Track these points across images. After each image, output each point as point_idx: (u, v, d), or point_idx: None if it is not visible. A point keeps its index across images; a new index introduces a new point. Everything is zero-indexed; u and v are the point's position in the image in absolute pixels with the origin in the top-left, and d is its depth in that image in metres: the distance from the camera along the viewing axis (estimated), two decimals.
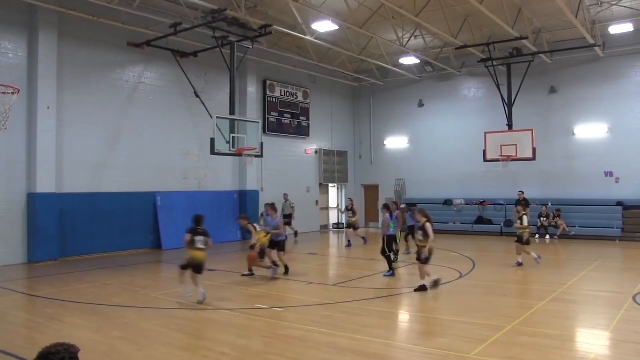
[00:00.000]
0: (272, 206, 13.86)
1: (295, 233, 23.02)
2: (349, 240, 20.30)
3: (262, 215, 22.38)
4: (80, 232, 17.38)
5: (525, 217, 14.84)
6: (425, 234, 11.19)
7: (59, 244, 16.58)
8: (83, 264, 15.85)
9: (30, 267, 15.47)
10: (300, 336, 8.00)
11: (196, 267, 10.59)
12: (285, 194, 23.40)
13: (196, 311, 9.96)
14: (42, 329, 8.78)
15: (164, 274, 14.73)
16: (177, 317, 9.49)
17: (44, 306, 10.52)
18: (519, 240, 14.60)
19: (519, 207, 15.58)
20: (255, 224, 13.30)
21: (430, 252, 11.23)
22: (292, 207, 23.30)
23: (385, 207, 14.05)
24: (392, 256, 13.70)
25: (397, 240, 14.73)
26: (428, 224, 11.23)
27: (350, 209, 20.81)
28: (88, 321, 9.11)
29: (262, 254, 13.00)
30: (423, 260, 11.20)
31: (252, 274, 13.32)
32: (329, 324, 8.66)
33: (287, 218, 22.49)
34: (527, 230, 14.78)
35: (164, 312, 9.82)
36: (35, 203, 16.07)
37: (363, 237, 20.28)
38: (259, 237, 12.98)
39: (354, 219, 20.44)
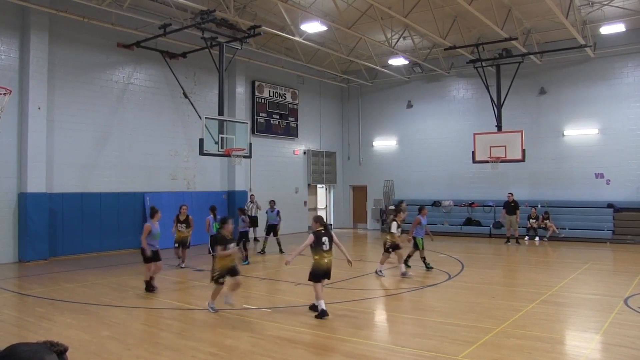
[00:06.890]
0: None
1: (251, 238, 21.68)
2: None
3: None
4: (70, 232, 17.42)
5: (394, 224, 13.32)
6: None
7: (49, 244, 16.62)
8: (73, 264, 15.87)
9: (21, 266, 15.51)
10: (289, 337, 8.03)
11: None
12: (251, 195, 21.93)
13: (184, 311, 9.98)
14: (32, 327, 8.77)
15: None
16: (166, 317, 9.49)
17: (35, 305, 10.54)
18: (396, 248, 13.20)
19: (392, 215, 13.75)
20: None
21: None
22: (258, 210, 21.44)
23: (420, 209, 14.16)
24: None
25: (422, 247, 14.09)
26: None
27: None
28: (77, 320, 9.12)
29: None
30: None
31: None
32: (317, 325, 8.68)
33: (252, 220, 21.25)
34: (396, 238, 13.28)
35: (153, 312, 9.83)
36: (26, 203, 16.10)
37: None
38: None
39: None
